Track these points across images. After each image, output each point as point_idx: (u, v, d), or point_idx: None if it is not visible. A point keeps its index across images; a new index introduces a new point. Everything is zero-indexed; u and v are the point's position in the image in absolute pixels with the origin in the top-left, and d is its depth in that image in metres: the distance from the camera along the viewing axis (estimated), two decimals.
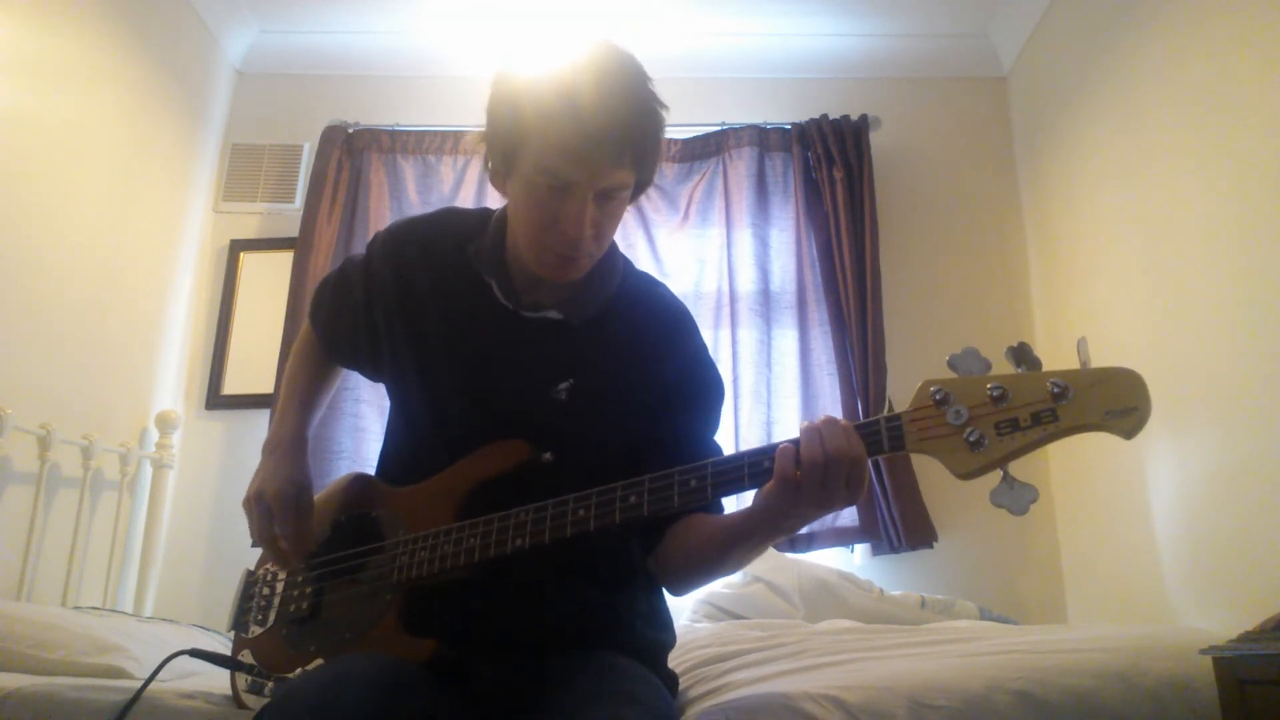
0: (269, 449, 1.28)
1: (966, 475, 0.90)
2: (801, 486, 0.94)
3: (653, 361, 1.22)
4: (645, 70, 1.11)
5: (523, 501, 1.10)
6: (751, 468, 0.99)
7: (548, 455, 1.17)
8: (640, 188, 1.17)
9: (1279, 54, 1.92)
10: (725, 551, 1.11)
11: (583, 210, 1.08)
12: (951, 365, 0.92)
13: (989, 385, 0.89)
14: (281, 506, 1.19)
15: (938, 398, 0.91)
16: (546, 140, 1.06)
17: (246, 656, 1.26)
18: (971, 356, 0.92)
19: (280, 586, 1.29)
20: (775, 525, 1.02)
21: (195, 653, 1.23)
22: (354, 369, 1.40)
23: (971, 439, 0.89)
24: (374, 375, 1.37)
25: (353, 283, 1.33)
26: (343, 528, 1.27)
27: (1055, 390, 0.87)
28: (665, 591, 1.27)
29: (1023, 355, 0.90)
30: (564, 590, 1.17)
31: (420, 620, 1.13)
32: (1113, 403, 0.85)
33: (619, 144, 1.05)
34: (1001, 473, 0.90)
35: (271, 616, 1.27)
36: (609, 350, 1.21)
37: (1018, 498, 0.89)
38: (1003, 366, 0.91)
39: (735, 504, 1.23)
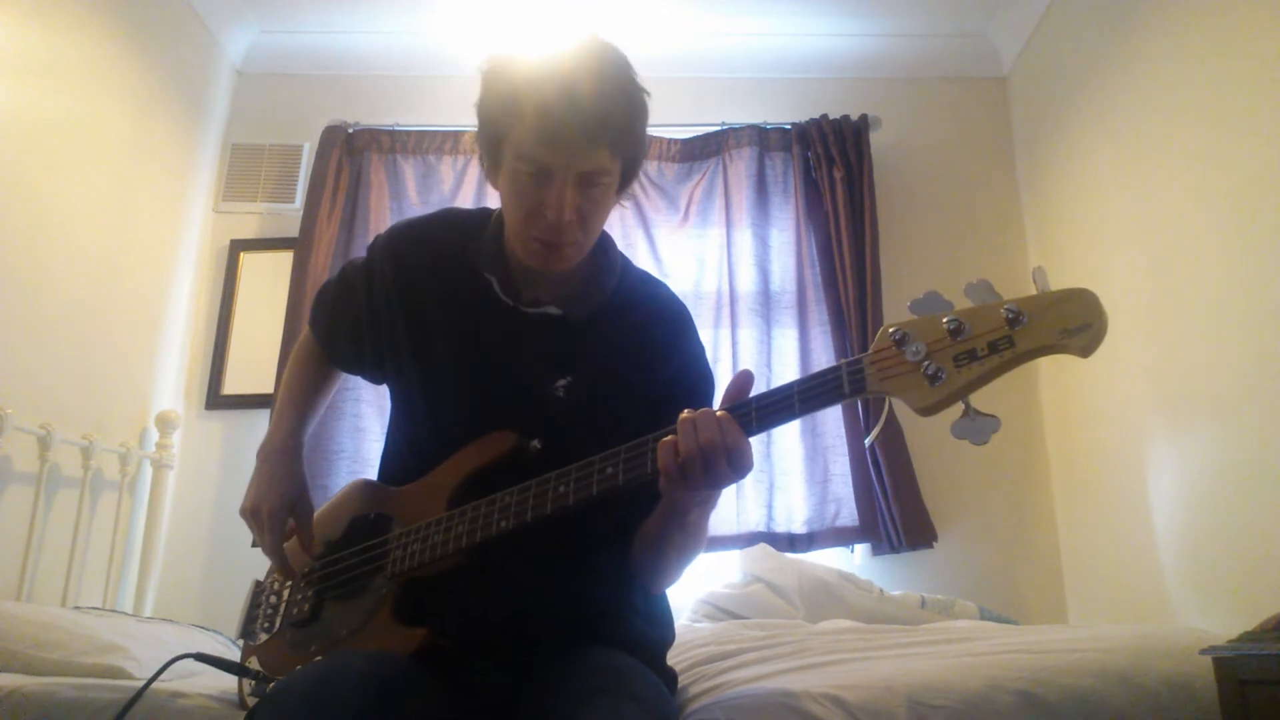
0: (263, 455, 1.29)
1: (927, 410, 0.90)
2: (686, 474, 0.98)
3: (650, 362, 1.23)
4: (626, 59, 1.13)
5: None
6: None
7: (535, 443, 1.18)
8: (627, 177, 1.18)
9: (1278, 52, 1.92)
10: (663, 532, 1.13)
11: (562, 195, 1.09)
12: (913, 309, 0.93)
13: (945, 320, 0.90)
14: (275, 524, 1.21)
15: (896, 338, 0.92)
16: (524, 127, 1.08)
17: (253, 663, 1.27)
18: (933, 299, 0.93)
19: (286, 593, 1.30)
20: (684, 504, 1.06)
21: (199, 657, 1.24)
22: (356, 373, 1.40)
23: (929, 373, 0.89)
24: (377, 378, 1.38)
25: (354, 286, 1.33)
26: (345, 532, 1.28)
27: (1010, 316, 0.87)
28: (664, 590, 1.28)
29: (983, 292, 0.91)
30: (562, 586, 1.17)
31: (414, 611, 1.14)
32: (1067, 321, 0.85)
33: (592, 126, 1.06)
34: (963, 405, 0.90)
35: (277, 622, 1.28)
36: (607, 348, 1.22)
37: (979, 429, 0.89)
38: (966, 304, 0.92)
39: None
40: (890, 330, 0.93)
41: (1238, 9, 2.07)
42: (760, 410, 0.99)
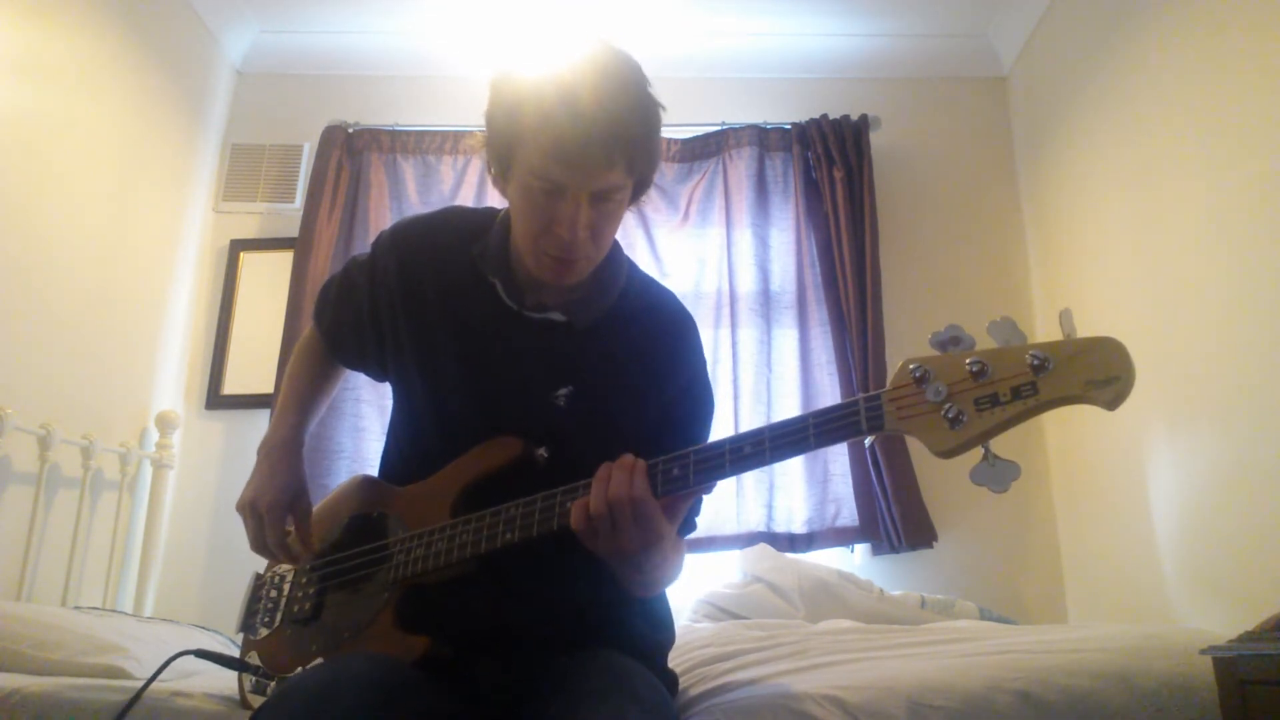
0: (264, 451, 1.29)
1: (946, 453, 0.88)
2: (598, 532, 0.99)
3: (653, 375, 1.22)
4: (640, 70, 1.11)
5: (519, 498, 1.10)
6: (733, 453, 1.00)
7: (542, 451, 1.17)
8: (639, 189, 1.17)
9: (1277, 52, 1.92)
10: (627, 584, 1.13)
11: (576, 213, 1.08)
12: (934, 343, 0.91)
13: (968, 361, 0.87)
14: (274, 517, 1.21)
15: (917, 375, 0.90)
16: (539, 144, 1.06)
17: (253, 658, 1.27)
18: (954, 333, 0.90)
19: (287, 588, 1.30)
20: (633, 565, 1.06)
21: (200, 653, 1.24)
22: (359, 369, 1.40)
23: (950, 415, 0.87)
24: (379, 375, 1.37)
25: (357, 282, 1.33)
26: (346, 529, 1.28)
27: (1035, 362, 0.84)
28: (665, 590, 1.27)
29: (1008, 332, 0.88)
30: (563, 589, 1.17)
31: (416, 618, 1.14)
32: (1094, 373, 0.82)
33: (610, 146, 1.05)
34: (983, 450, 0.88)
35: (277, 618, 1.27)
36: (610, 358, 1.21)
37: (999, 475, 0.87)
38: (989, 343, 0.89)
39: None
40: (911, 367, 0.90)
41: (1237, 8, 2.07)
42: (774, 440, 0.98)
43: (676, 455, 1.02)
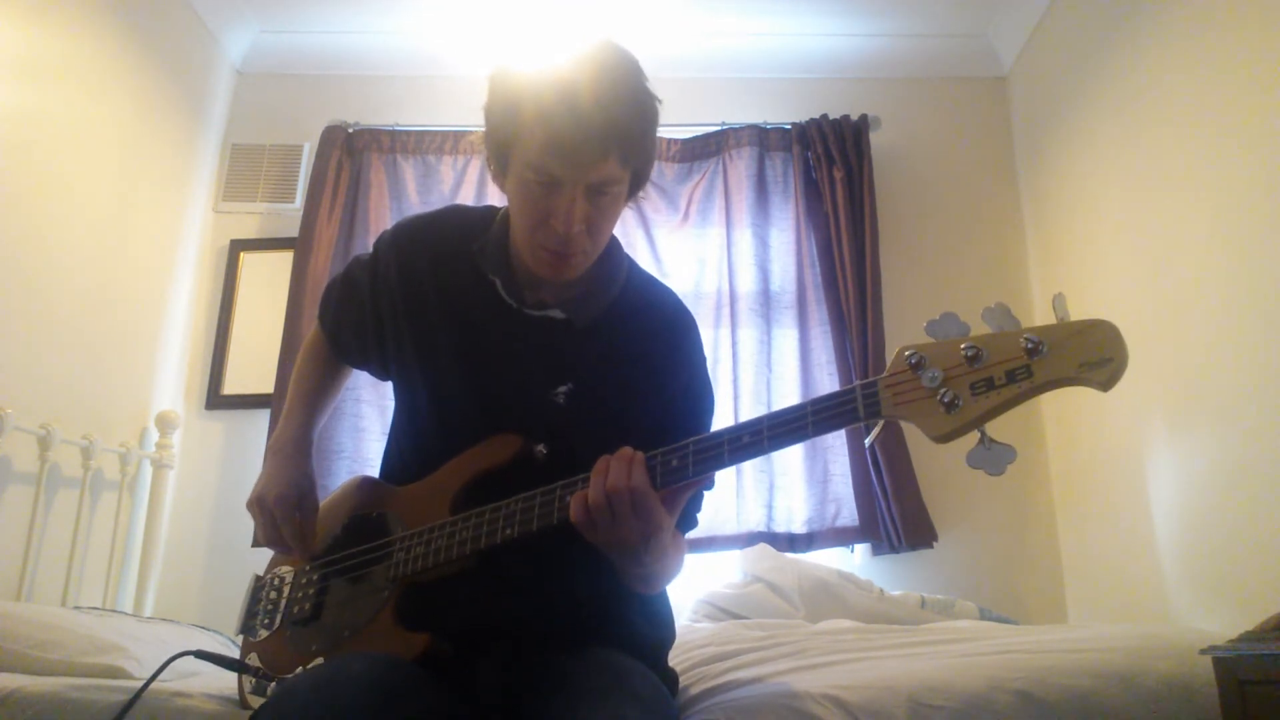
0: (273, 450, 1.30)
1: (942, 437, 0.89)
2: (597, 524, 0.99)
3: (652, 373, 1.22)
4: (637, 64, 1.11)
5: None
6: (732, 443, 0.99)
7: (541, 448, 1.18)
8: (636, 184, 1.17)
9: (1277, 52, 1.92)
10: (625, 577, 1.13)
11: (572, 206, 1.08)
12: (930, 331, 0.92)
13: (963, 346, 0.89)
14: (283, 510, 1.22)
15: (913, 362, 0.91)
16: (535, 138, 1.06)
17: (253, 659, 1.27)
18: (949, 320, 0.91)
19: (286, 590, 1.30)
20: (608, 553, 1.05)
21: (199, 654, 1.24)
22: (363, 369, 1.41)
23: (946, 400, 0.88)
24: (382, 374, 1.38)
25: (359, 282, 1.34)
26: (346, 529, 1.28)
27: (1029, 346, 0.85)
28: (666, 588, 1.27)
29: (1002, 318, 0.89)
30: (562, 583, 1.17)
31: (416, 615, 1.14)
32: (1088, 354, 0.83)
33: (604, 138, 1.05)
34: (979, 434, 0.89)
35: (277, 619, 1.27)
36: (610, 356, 1.22)
37: (995, 459, 0.88)
38: (984, 329, 0.90)
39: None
40: (907, 354, 0.91)
41: (1235, 9, 2.07)
42: (772, 429, 0.97)
43: (675, 446, 1.01)
